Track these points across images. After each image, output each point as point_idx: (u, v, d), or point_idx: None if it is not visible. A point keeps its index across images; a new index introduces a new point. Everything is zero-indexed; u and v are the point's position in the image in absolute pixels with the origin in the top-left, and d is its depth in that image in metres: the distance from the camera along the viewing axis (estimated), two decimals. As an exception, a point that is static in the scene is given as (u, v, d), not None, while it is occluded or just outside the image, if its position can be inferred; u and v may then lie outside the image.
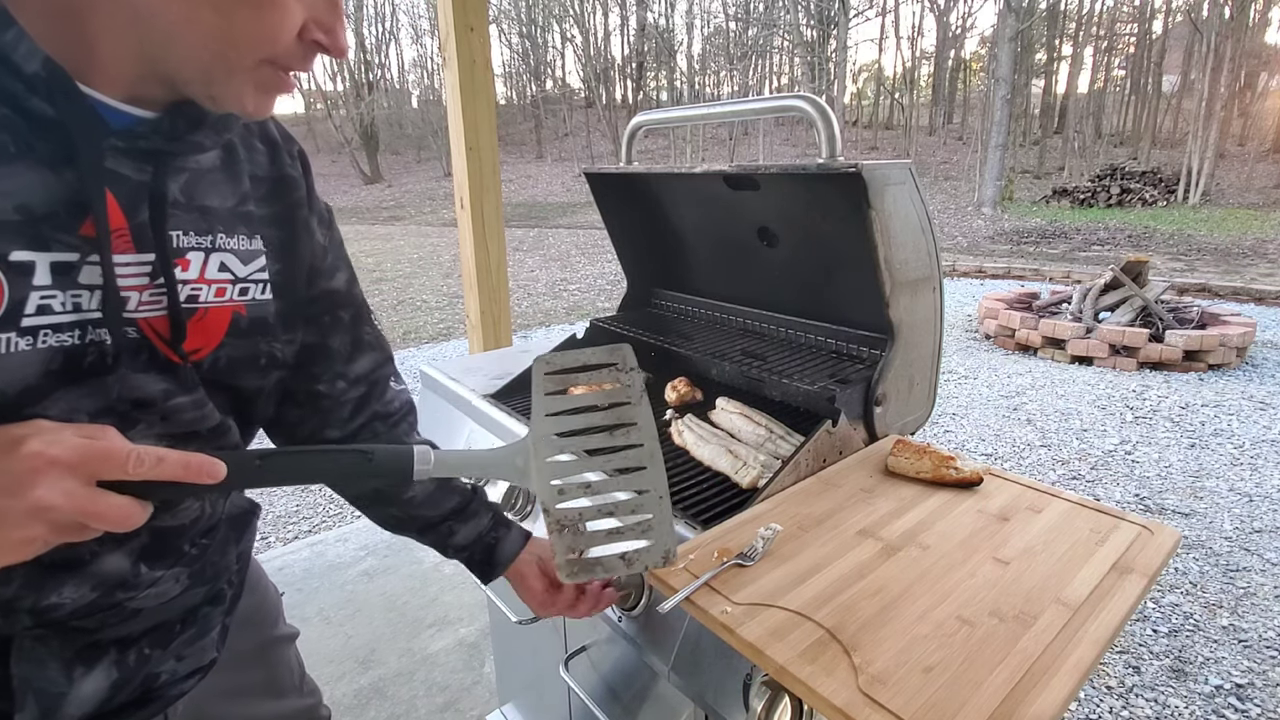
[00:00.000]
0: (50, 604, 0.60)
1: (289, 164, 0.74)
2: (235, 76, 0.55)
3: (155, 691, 0.70)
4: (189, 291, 0.62)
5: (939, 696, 0.63)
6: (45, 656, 0.61)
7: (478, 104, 2.38)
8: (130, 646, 0.67)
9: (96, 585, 0.62)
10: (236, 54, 0.54)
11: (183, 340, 0.61)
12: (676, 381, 1.44)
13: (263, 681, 0.95)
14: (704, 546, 0.86)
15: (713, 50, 35.23)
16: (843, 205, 1.19)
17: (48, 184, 0.52)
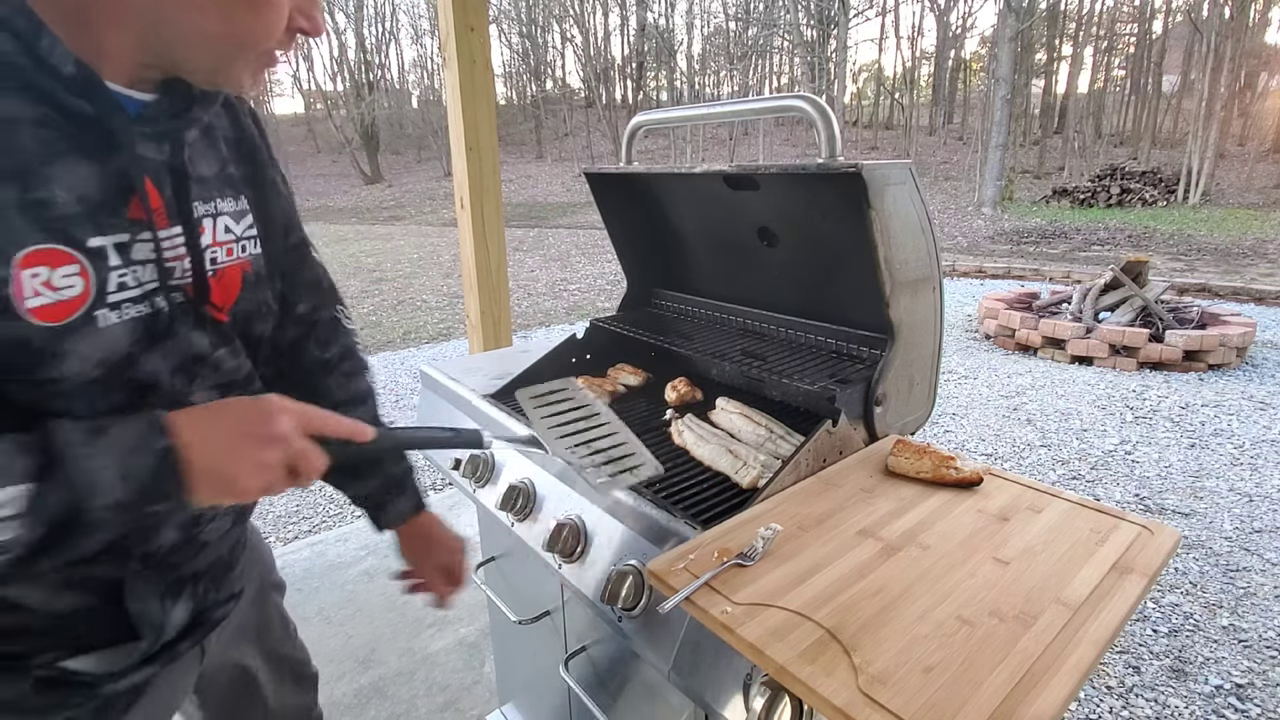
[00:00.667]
0: (154, 548, 0.72)
1: (249, 124, 0.81)
2: (238, 64, 0.63)
3: (207, 614, 0.82)
4: (210, 255, 0.71)
5: (939, 696, 0.63)
6: (148, 593, 0.72)
7: (478, 104, 2.38)
8: (200, 579, 0.80)
9: (182, 526, 0.74)
10: (241, 49, 0.62)
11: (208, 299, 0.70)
12: (676, 381, 1.44)
13: (257, 624, 1.03)
14: (704, 546, 0.86)
15: (713, 50, 35.23)
16: (843, 205, 1.19)
17: (95, 174, 0.59)
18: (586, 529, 1.06)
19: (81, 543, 0.54)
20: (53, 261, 0.56)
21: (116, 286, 0.61)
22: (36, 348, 0.56)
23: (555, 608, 1.36)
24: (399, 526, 1.10)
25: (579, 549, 1.05)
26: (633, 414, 1.41)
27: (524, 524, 1.19)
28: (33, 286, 0.55)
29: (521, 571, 1.51)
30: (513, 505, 1.19)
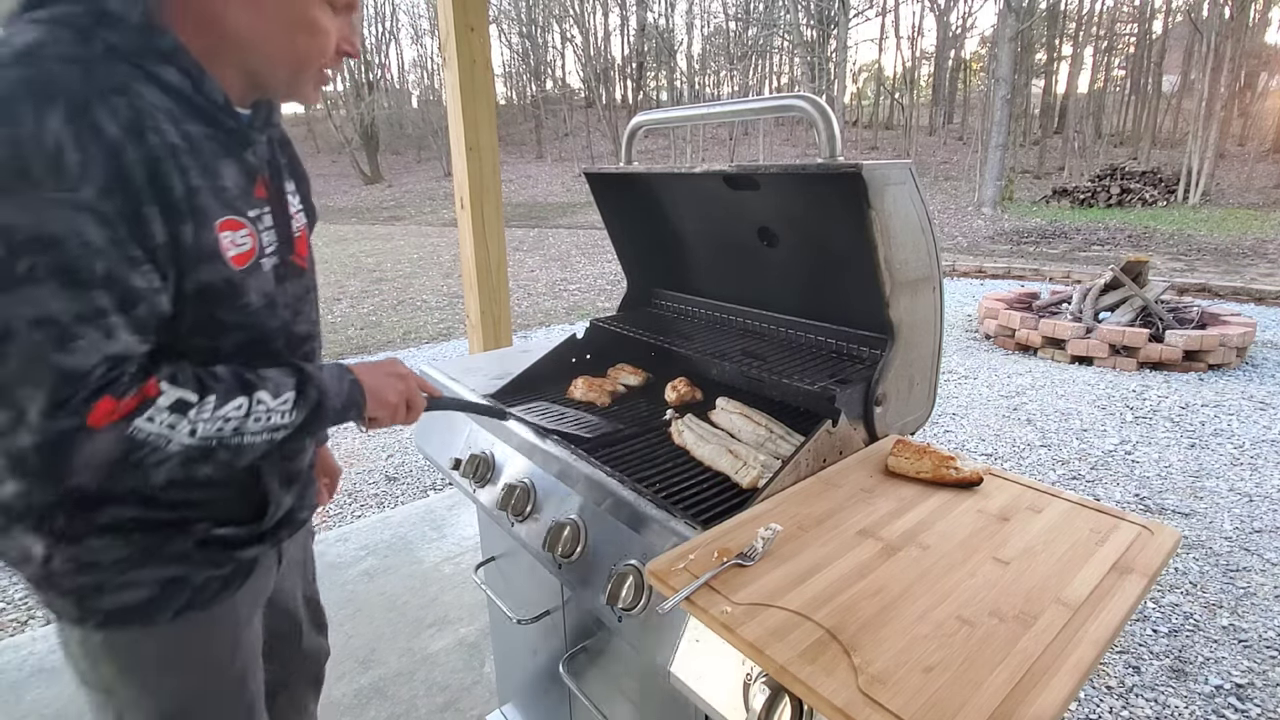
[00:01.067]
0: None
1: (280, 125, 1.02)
2: (303, 78, 0.88)
3: (294, 514, 1.04)
4: (295, 222, 0.96)
5: (939, 696, 0.63)
6: (272, 477, 0.97)
7: (478, 104, 2.38)
8: (297, 479, 1.04)
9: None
10: (304, 66, 0.86)
11: (294, 252, 0.95)
12: (676, 381, 1.44)
13: (303, 561, 1.25)
14: (704, 546, 0.86)
15: (713, 50, 35.22)
16: (843, 205, 1.19)
17: (239, 168, 0.85)
18: (586, 529, 1.06)
19: (317, 429, 0.87)
20: (234, 227, 0.82)
21: (265, 244, 0.88)
22: (236, 284, 0.82)
23: (555, 607, 1.36)
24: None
25: (578, 548, 1.05)
26: (633, 414, 1.41)
27: (524, 524, 1.19)
28: (227, 243, 0.80)
29: (521, 571, 1.51)
30: (512, 505, 1.19)
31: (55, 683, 2.12)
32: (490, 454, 1.33)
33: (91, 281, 0.67)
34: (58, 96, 0.66)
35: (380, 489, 3.78)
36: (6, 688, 2.10)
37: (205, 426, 0.75)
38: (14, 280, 0.64)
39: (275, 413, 0.81)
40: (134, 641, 0.89)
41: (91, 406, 0.67)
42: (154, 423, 0.71)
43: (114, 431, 0.69)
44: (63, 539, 0.82)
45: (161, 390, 0.72)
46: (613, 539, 1.02)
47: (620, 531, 1.01)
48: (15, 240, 0.64)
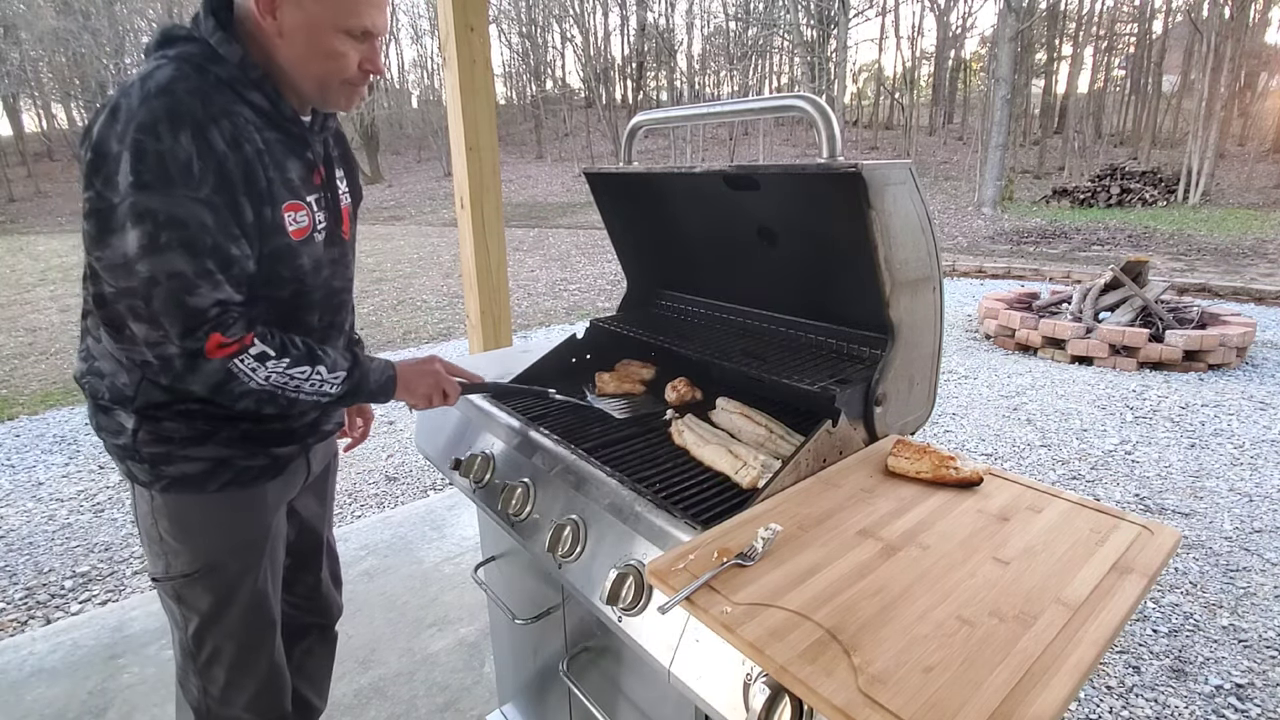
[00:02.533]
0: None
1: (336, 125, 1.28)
2: (331, 92, 1.12)
3: (320, 424, 1.32)
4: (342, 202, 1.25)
5: (939, 696, 0.63)
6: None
7: (478, 104, 2.38)
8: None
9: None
10: (327, 83, 1.10)
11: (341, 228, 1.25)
12: (676, 381, 1.44)
13: (323, 492, 1.55)
14: (704, 546, 0.86)
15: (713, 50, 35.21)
16: (843, 205, 1.19)
17: (301, 163, 1.13)
18: (586, 529, 1.06)
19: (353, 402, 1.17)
20: (296, 208, 1.11)
21: (318, 221, 1.16)
22: (294, 249, 1.12)
23: (555, 607, 1.36)
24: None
25: (579, 549, 1.05)
26: (633, 414, 1.41)
27: (524, 524, 1.19)
28: (289, 221, 1.10)
29: (521, 571, 1.51)
30: (512, 505, 1.19)
31: (55, 683, 2.12)
32: (490, 454, 1.33)
33: (204, 251, 0.97)
34: (187, 121, 0.95)
35: (380, 489, 3.78)
36: (6, 688, 2.10)
37: (276, 377, 1.05)
38: (158, 248, 0.94)
39: (327, 383, 1.11)
40: (186, 505, 1.17)
41: (209, 336, 0.98)
42: (244, 363, 1.01)
43: (221, 361, 1.00)
44: (148, 417, 1.12)
45: (254, 343, 1.02)
46: (613, 539, 1.02)
47: (620, 531, 1.01)
48: (159, 221, 0.94)
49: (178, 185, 0.93)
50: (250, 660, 1.29)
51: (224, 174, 0.98)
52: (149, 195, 0.92)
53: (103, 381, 1.13)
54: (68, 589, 2.87)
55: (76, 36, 25.01)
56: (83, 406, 5.20)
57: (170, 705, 2.03)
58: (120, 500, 3.68)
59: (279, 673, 1.35)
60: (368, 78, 1.13)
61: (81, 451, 4.35)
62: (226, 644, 1.25)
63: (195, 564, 1.19)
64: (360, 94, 1.15)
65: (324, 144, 1.21)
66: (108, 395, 1.13)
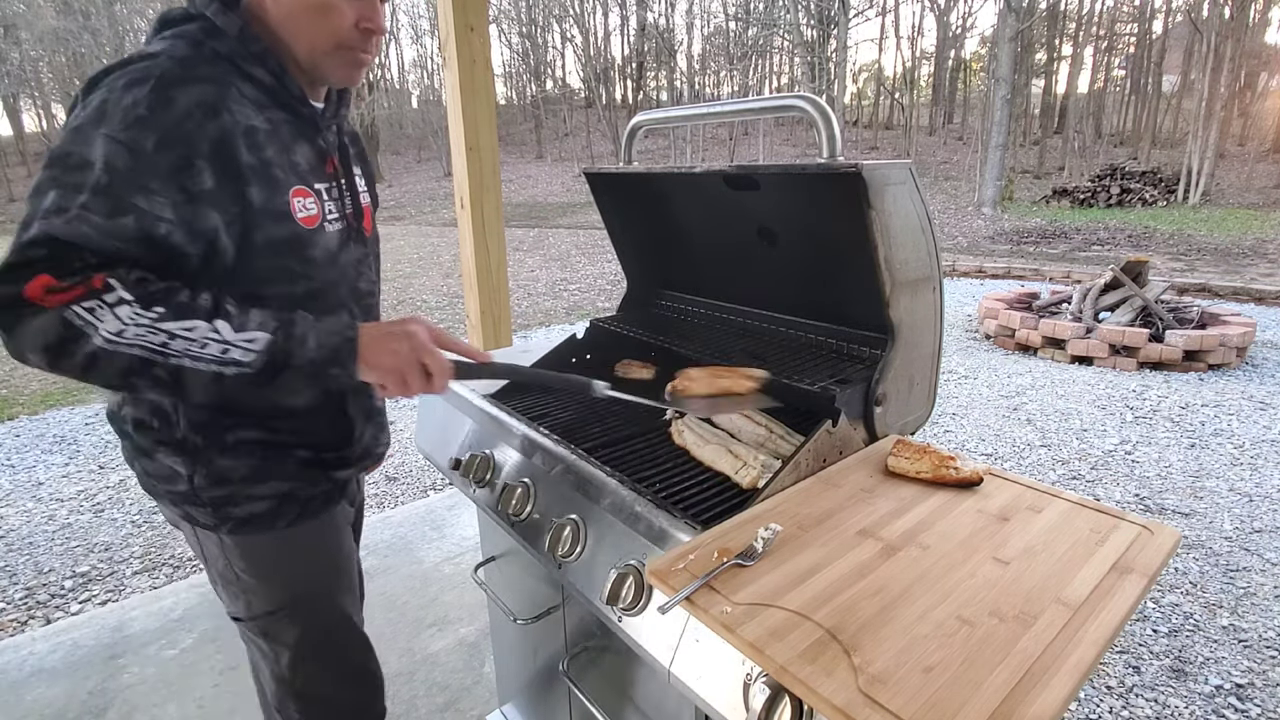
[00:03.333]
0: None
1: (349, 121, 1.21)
2: (326, 59, 1.00)
3: (372, 449, 1.24)
4: (362, 199, 1.15)
5: (939, 696, 0.63)
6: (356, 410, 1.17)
7: (478, 104, 2.38)
8: (375, 415, 1.24)
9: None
10: (320, 43, 0.99)
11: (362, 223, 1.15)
12: (677, 381, 1.43)
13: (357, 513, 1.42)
14: (704, 546, 0.86)
15: (713, 50, 35.21)
16: (843, 205, 1.19)
17: (311, 149, 1.04)
18: (586, 529, 1.06)
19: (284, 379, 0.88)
20: (304, 195, 1.00)
21: (329, 211, 1.05)
22: (304, 239, 1.00)
23: (555, 607, 1.36)
24: None
25: (579, 549, 1.05)
26: (633, 413, 1.41)
27: (524, 524, 1.19)
28: (297, 207, 0.99)
29: (521, 571, 1.51)
30: (512, 505, 1.19)
31: (55, 683, 2.12)
32: (490, 454, 1.33)
33: (81, 186, 0.80)
34: (151, 79, 0.85)
35: (380, 489, 3.78)
36: (6, 688, 2.10)
37: (142, 333, 0.79)
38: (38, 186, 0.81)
39: (233, 347, 0.84)
40: (259, 544, 1.10)
41: (32, 277, 0.76)
42: (89, 313, 0.78)
43: (55, 311, 0.77)
44: (199, 459, 1.02)
45: (108, 285, 0.79)
46: (613, 539, 1.02)
47: (620, 531, 1.01)
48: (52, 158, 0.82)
49: (98, 125, 0.81)
50: (348, 677, 1.25)
51: (175, 129, 0.84)
52: (70, 137, 0.82)
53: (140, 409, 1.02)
54: (68, 589, 2.87)
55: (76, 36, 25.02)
56: (83, 407, 5.20)
57: (171, 705, 2.03)
58: (120, 500, 3.68)
59: (375, 682, 1.31)
60: (369, 40, 1.00)
61: (81, 452, 4.35)
62: (322, 669, 1.21)
63: (278, 600, 1.13)
64: (362, 61, 1.02)
65: (336, 133, 1.13)
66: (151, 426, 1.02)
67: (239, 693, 2.07)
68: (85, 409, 5.16)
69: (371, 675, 1.30)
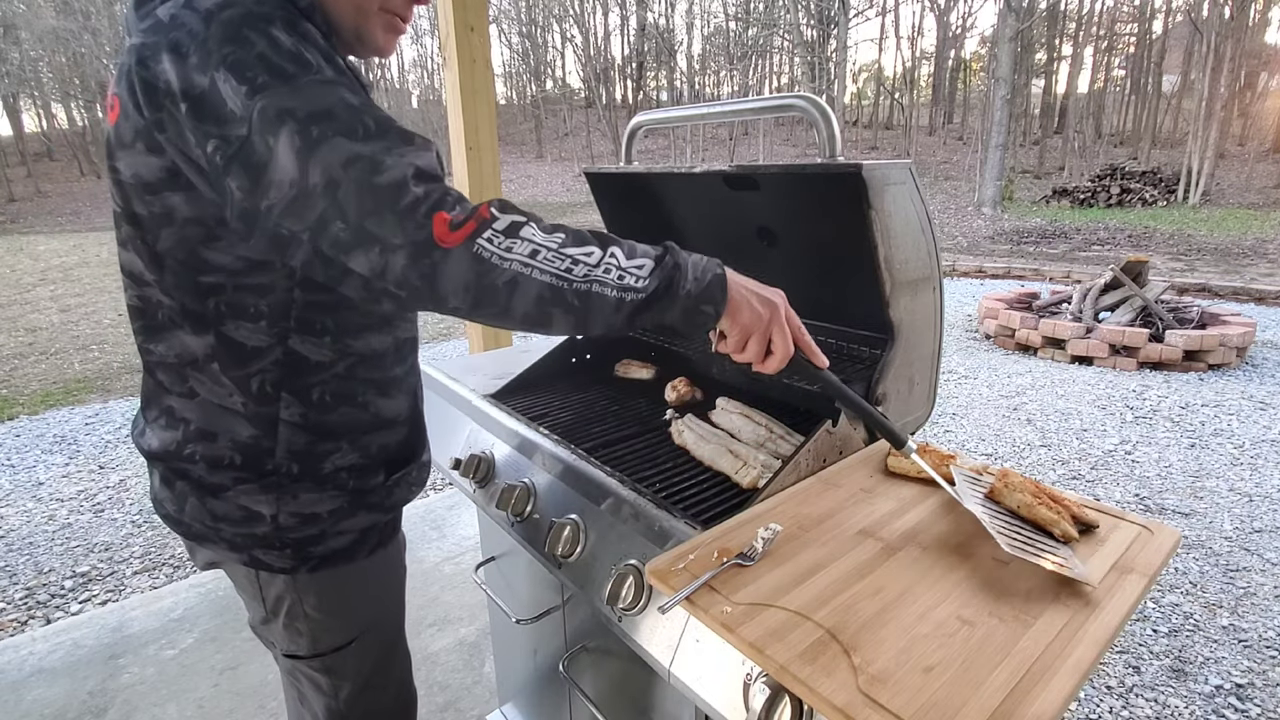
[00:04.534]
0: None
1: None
2: (370, 19, 0.89)
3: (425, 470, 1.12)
4: None
5: (939, 696, 0.63)
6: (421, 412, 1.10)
7: (478, 104, 2.38)
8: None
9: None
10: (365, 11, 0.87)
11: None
12: (676, 381, 1.44)
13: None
14: (704, 546, 0.86)
15: (713, 50, 35.22)
16: (843, 205, 1.19)
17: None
18: (586, 529, 1.06)
19: (667, 309, 0.80)
20: None
21: None
22: None
23: (555, 607, 1.36)
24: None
25: (579, 549, 1.05)
26: (632, 414, 1.41)
27: (524, 524, 1.19)
28: None
29: (521, 571, 1.51)
30: (512, 505, 1.19)
31: (55, 683, 2.12)
32: (490, 454, 1.33)
33: (369, 129, 0.72)
34: (274, 18, 0.74)
35: (380, 489, 3.78)
36: (6, 687, 2.10)
37: (549, 255, 0.74)
38: (313, 144, 0.70)
39: (629, 273, 0.78)
40: (339, 578, 1.01)
41: (431, 219, 0.70)
42: (494, 243, 0.72)
43: (463, 250, 0.71)
44: (286, 494, 0.91)
45: (494, 215, 0.73)
46: (613, 539, 1.02)
47: (620, 531, 1.01)
48: (300, 117, 0.70)
49: (299, 75, 0.72)
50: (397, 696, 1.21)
51: (339, 68, 0.77)
52: (272, 95, 0.71)
53: (216, 445, 0.89)
54: (68, 589, 2.87)
55: (76, 36, 25.03)
56: (83, 407, 5.20)
57: (171, 705, 2.03)
58: (120, 500, 3.68)
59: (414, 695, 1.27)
60: (409, 5, 0.92)
61: (81, 452, 4.35)
62: (380, 694, 1.15)
63: (350, 634, 1.06)
64: (400, 30, 0.93)
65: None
66: (233, 463, 0.90)
67: (239, 693, 2.07)
68: (85, 409, 5.16)
69: (410, 689, 1.27)
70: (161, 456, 0.93)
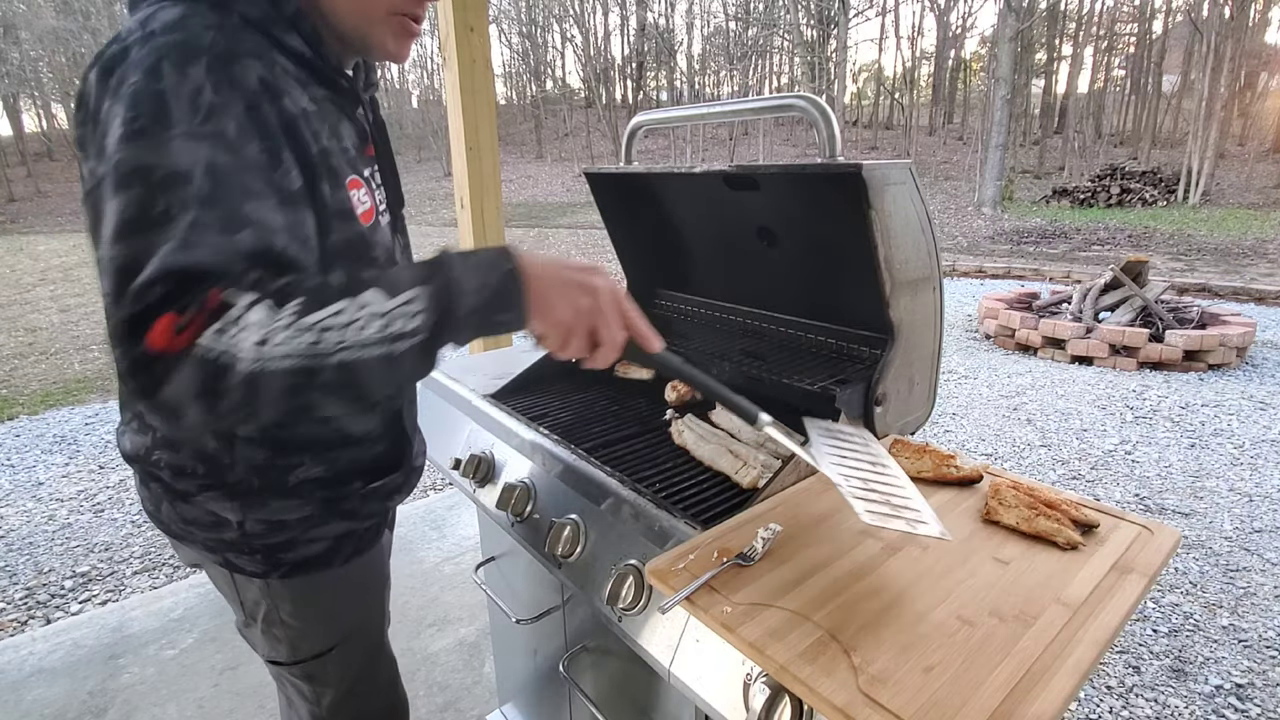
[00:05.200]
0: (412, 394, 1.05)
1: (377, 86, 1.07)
2: (376, 27, 0.84)
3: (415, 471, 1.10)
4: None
5: (939, 696, 0.63)
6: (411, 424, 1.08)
7: (478, 104, 2.38)
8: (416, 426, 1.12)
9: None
10: (371, 9, 0.83)
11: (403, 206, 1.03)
12: (676, 381, 1.44)
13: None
14: (704, 546, 0.86)
15: (713, 50, 35.23)
16: (843, 205, 1.19)
17: (353, 128, 0.88)
18: (586, 529, 1.06)
19: (458, 332, 0.70)
20: (357, 185, 0.85)
21: (378, 201, 0.91)
22: (367, 239, 0.86)
23: (555, 607, 1.36)
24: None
25: (579, 549, 1.05)
26: (632, 414, 1.41)
27: (524, 524, 1.19)
28: (354, 200, 0.84)
29: (521, 571, 1.51)
30: (512, 505, 1.19)
31: (55, 683, 2.12)
32: (490, 454, 1.33)
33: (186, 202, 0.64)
34: (202, 53, 0.69)
35: (380, 489, 3.78)
36: (6, 687, 2.10)
37: (283, 336, 0.61)
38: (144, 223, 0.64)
39: (394, 318, 0.65)
40: (313, 585, 0.99)
41: (151, 325, 0.60)
42: (221, 335, 0.60)
43: (186, 353, 0.60)
44: (252, 504, 0.90)
45: (225, 301, 0.61)
46: (613, 539, 1.02)
47: (620, 531, 1.01)
48: (152, 181, 0.64)
49: (179, 123, 0.65)
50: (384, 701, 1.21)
51: (258, 117, 0.70)
52: (138, 148, 0.64)
53: (179, 454, 0.88)
54: (68, 589, 2.87)
55: (76, 36, 25.03)
56: (83, 407, 5.20)
57: (171, 705, 2.03)
58: (120, 500, 3.68)
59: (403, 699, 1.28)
60: (421, 6, 0.86)
61: (81, 452, 4.35)
62: (365, 701, 1.15)
63: (330, 641, 1.05)
64: (414, 32, 0.87)
65: (372, 108, 0.97)
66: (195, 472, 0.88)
67: (239, 693, 2.07)
68: (85, 409, 5.16)
69: (399, 695, 1.27)
70: (135, 459, 0.93)
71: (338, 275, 0.68)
